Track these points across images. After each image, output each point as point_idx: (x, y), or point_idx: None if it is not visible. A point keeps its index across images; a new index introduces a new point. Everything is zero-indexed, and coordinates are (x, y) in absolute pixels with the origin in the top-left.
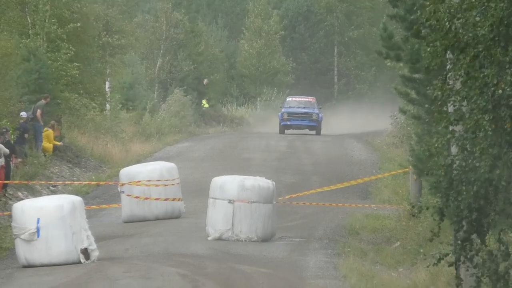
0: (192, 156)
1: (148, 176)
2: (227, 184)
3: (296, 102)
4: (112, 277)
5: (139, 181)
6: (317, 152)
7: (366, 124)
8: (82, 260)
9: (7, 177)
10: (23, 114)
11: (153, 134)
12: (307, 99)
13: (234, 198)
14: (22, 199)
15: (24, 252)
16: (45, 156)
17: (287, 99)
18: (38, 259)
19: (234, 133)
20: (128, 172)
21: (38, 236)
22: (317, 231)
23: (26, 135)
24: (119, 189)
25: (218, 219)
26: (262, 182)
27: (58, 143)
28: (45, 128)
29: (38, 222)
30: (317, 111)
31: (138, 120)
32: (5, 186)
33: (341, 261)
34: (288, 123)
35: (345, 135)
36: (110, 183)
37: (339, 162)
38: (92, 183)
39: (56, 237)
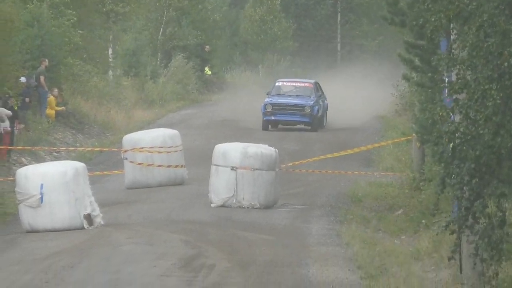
0: (195, 123)
1: (151, 143)
2: (230, 151)
3: (287, 87)
4: (115, 243)
5: (142, 148)
6: None
7: (370, 96)
8: (85, 226)
9: (11, 143)
10: (23, 79)
11: (156, 101)
12: (302, 84)
13: (236, 165)
14: (26, 164)
15: (28, 217)
16: (48, 122)
17: (276, 83)
18: (42, 225)
19: (236, 99)
20: (131, 138)
21: (41, 202)
22: (319, 198)
23: (26, 99)
24: (122, 155)
25: (220, 186)
26: (265, 150)
27: (60, 108)
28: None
29: (41, 188)
30: (313, 101)
31: (141, 87)
32: (9, 151)
33: (344, 229)
34: (273, 118)
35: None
36: (113, 149)
37: (341, 130)
38: (95, 149)
39: (60, 203)
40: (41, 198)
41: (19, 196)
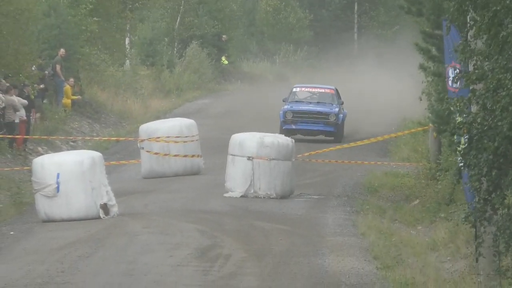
0: (212, 113)
1: (167, 133)
2: (246, 141)
3: (305, 93)
4: (131, 233)
5: (159, 137)
6: None
7: (387, 86)
8: (102, 215)
9: (27, 132)
10: (34, 68)
11: (173, 90)
12: (323, 90)
13: (253, 155)
14: (42, 154)
15: (44, 207)
16: (65, 111)
17: (294, 89)
18: (58, 214)
19: (253, 89)
20: (147, 128)
21: (58, 191)
22: (336, 188)
23: (41, 86)
24: (138, 145)
25: (237, 176)
26: (281, 139)
27: (76, 97)
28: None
29: (58, 177)
30: (337, 109)
31: (158, 77)
32: (25, 141)
33: (360, 219)
34: (293, 127)
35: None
36: (129, 139)
37: (359, 120)
38: (112, 138)
39: (76, 192)
40: (58, 188)
41: (35, 186)
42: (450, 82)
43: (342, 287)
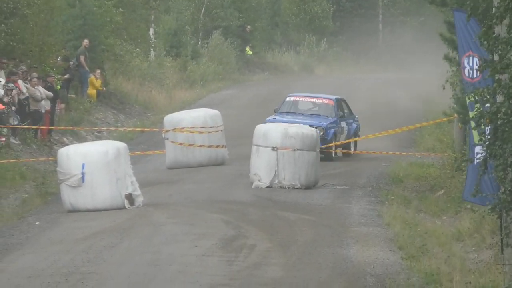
0: (236, 103)
1: (192, 123)
2: (271, 131)
3: (300, 104)
4: (156, 223)
5: (183, 128)
6: (361, 100)
7: (411, 76)
8: (127, 205)
9: (52, 123)
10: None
11: (197, 81)
12: (320, 100)
13: (277, 145)
14: (67, 144)
15: (69, 197)
16: (89, 102)
17: (287, 99)
18: (83, 204)
19: (278, 80)
20: (172, 118)
21: (83, 181)
22: (360, 178)
23: (66, 76)
24: (163, 135)
25: (261, 167)
26: (305, 130)
27: (101, 88)
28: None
29: (83, 167)
30: (329, 122)
31: (182, 67)
32: (50, 131)
33: (385, 209)
34: None
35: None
36: (154, 129)
37: (383, 110)
38: (137, 129)
39: (101, 182)
40: (83, 178)
41: (60, 176)
42: (466, 72)
43: (367, 277)
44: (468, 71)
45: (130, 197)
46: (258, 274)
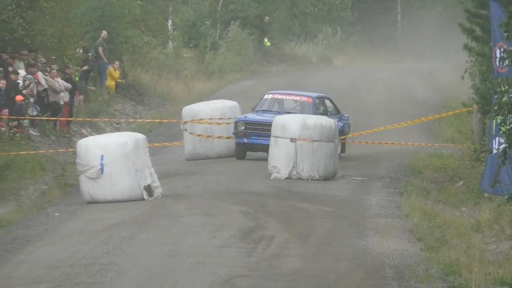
0: (254, 95)
1: (210, 114)
2: (289, 123)
3: (278, 101)
4: (175, 214)
5: (202, 119)
6: (380, 91)
7: (431, 67)
8: (145, 197)
9: (71, 114)
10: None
11: (215, 72)
12: (298, 98)
13: (296, 136)
14: (86, 136)
15: (88, 188)
16: (108, 93)
17: (265, 96)
18: (102, 196)
19: (296, 71)
20: (190, 110)
21: (102, 173)
22: (379, 170)
23: (85, 67)
24: (181, 127)
25: (280, 158)
26: (324, 121)
27: (119, 80)
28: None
29: (102, 159)
30: None
31: (201, 58)
32: (69, 123)
33: (404, 200)
34: (245, 141)
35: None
36: (172, 121)
37: (402, 101)
38: (155, 120)
39: (120, 174)
40: (101, 169)
41: (79, 167)
42: (496, 63)
43: (386, 268)
44: (498, 61)
45: (149, 189)
46: (276, 265)
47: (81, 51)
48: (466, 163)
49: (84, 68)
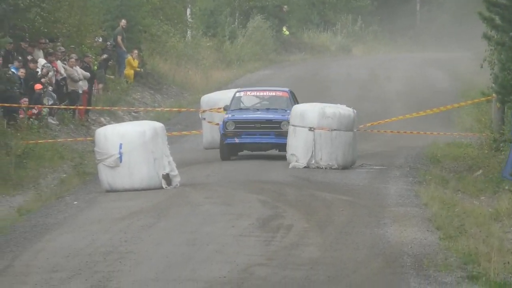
0: (273, 84)
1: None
2: (308, 112)
3: (252, 99)
4: (194, 203)
5: (220, 108)
6: (399, 80)
7: (450, 56)
8: (164, 185)
9: (89, 103)
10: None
11: (234, 61)
12: (273, 93)
13: (314, 125)
14: (105, 124)
15: (107, 177)
16: (127, 82)
17: (237, 94)
18: (121, 184)
19: (315, 60)
20: (209, 99)
21: (120, 161)
22: (398, 159)
23: (104, 56)
24: (200, 116)
25: (298, 147)
26: (343, 110)
27: (138, 69)
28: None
29: (120, 147)
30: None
31: (219, 47)
32: (87, 111)
33: (422, 189)
34: (237, 141)
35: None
36: (191, 110)
37: (421, 90)
38: (174, 109)
39: (138, 162)
40: (120, 158)
41: (98, 156)
42: None
43: (405, 257)
44: None
45: (167, 177)
46: (295, 254)
47: (100, 40)
48: (485, 152)
49: (103, 57)
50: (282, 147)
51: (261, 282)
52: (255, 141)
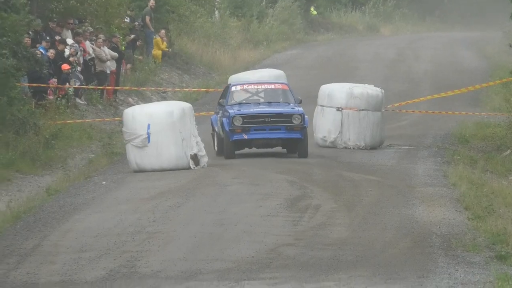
0: (300, 64)
1: None
2: (335, 92)
3: (249, 92)
4: (221, 183)
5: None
6: (427, 60)
7: (478, 36)
8: (192, 166)
9: (117, 83)
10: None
11: (262, 41)
12: (272, 86)
13: (342, 106)
14: (133, 105)
15: (135, 157)
16: (154, 62)
17: (232, 88)
18: (149, 164)
19: (343, 40)
20: (237, 79)
21: (148, 141)
22: (426, 139)
23: (132, 36)
24: None
25: (326, 127)
26: (370, 90)
27: (166, 49)
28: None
29: (148, 128)
30: (301, 108)
31: (247, 28)
32: (115, 91)
33: (451, 169)
34: (246, 137)
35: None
36: (219, 90)
37: (449, 70)
38: (201, 89)
39: (166, 143)
40: (148, 138)
41: (126, 136)
42: None
43: (433, 237)
44: None
45: (195, 158)
46: (323, 234)
47: (128, 20)
48: None
49: (131, 37)
50: (292, 143)
51: (289, 262)
52: (265, 136)
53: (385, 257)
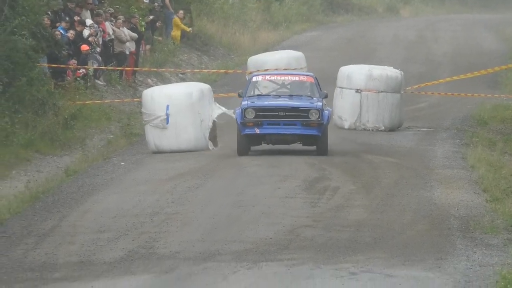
0: (320, 45)
1: (275, 65)
2: (355, 73)
3: (272, 84)
4: (240, 165)
5: (267, 70)
6: (447, 42)
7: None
8: (211, 147)
9: (136, 64)
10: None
11: (281, 22)
12: (297, 78)
13: (361, 87)
14: (152, 86)
15: (154, 138)
16: (173, 44)
17: (253, 78)
18: (168, 146)
19: (362, 22)
20: (256, 60)
21: (167, 123)
22: (445, 121)
23: (151, 17)
24: (247, 77)
25: (345, 109)
26: (390, 72)
27: (188, 29)
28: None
29: (167, 109)
30: (320, 103)
31: (266, 9)
32: (134, 72)
33: (469, 151)
34: (258, 131)
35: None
36: (238, 71)
37: (468, 52)
38: (220, 71)
39: (185, 124)
40: (167, 119)
41: (145, 117)
42: None
43: (451, 219)
44: None
45: (214, 139)
46: (341, 216)
47: (147, 1)
48: None
49: (150, 18)
50: (310, 139)
51: (307, 243)
52: (279, 131)
53: (403, 239)
